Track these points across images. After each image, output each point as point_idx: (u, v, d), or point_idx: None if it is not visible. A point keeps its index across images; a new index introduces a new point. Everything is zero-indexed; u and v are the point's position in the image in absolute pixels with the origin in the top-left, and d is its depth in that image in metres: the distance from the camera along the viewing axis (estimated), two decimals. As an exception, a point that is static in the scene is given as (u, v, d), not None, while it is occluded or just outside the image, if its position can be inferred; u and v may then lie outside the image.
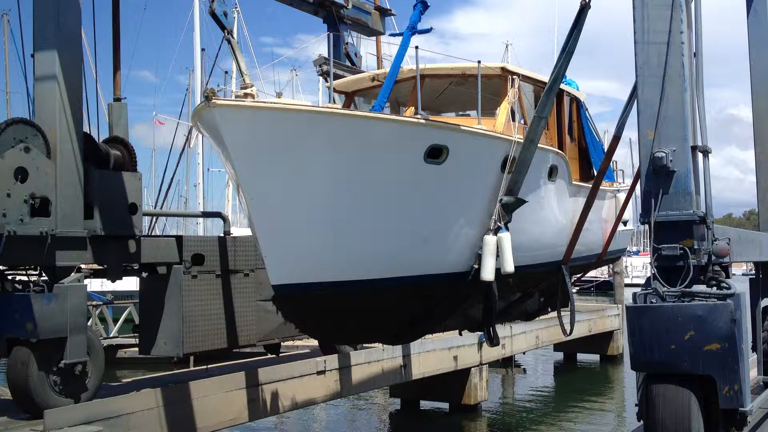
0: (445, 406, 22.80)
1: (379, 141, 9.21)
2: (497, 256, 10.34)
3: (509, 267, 10.30)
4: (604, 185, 14.35)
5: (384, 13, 18.37)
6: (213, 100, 8.11)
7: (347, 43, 16.84)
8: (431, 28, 12.63)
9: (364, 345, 17.31)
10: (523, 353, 27.77)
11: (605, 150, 13.77)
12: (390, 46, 13.44)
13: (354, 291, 9.50)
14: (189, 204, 54.08)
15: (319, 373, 16.11)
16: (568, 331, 13.81)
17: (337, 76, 14.50)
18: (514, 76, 12.03)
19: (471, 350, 21.43)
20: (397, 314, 10.53)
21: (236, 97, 8.77)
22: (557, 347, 31.40)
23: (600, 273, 63.18)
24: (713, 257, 8.72)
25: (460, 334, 15.30)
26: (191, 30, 42.91)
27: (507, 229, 10.48)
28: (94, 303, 27.33)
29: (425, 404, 23.29)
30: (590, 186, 12.79)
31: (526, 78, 12.49)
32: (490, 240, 10.36)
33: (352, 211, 9.19)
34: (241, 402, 14.11)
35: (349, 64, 16.44)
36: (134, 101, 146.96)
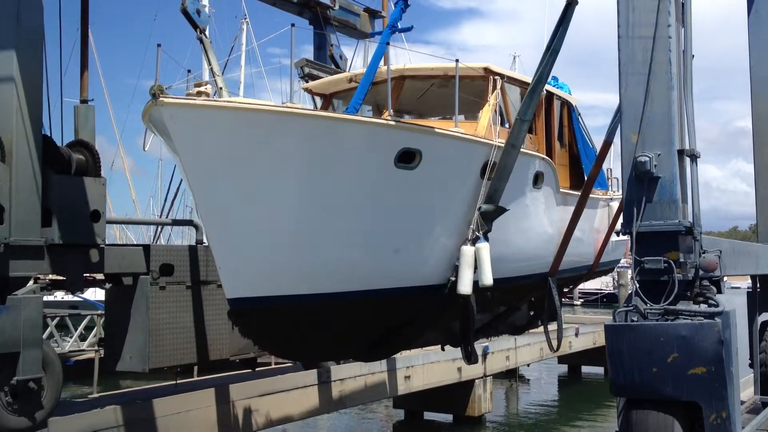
0: (448, 417, 22.69)
1: (345, 144, 8.66)
2: (475, 267, 9.69)
3: (488, 280, 9.68)
4: (597, 193, 13.67)
5: (373, 14, 17.70)
6: (160, 98, 7.59)
7: (332, 45, 16.19)
8: (412, 27, 12.08)
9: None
10: (528, 365, 27.59)
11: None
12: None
13: (318, 305, 8.92)
14: (194, 214, 53.77)
15: (322, 383, 15.97)
16: (555, 347, 13.13)
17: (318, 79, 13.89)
18: (497, 77, 11.35)
19: (475, 362, 21.03)
20: (366, 330, 9.93)
21: (188, 95, 8.21)
22: (561, 360, 31.11)
23: (605, 285, 62.74)
24: (701, 271, 8.06)
25: (443, 349, 14.70)
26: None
27: (486, 239, 9.85)
28: (98, 312, 26.92)
29: (429, 415, 23.12)
30: (579, 194, 12.08)
31: (511, 79, 11.82)
32: (467, 251, 9.75)
33: (314, 218, 8.63)
34: (244, 412, 14.02)
35: (334, 67, 15.79)
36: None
